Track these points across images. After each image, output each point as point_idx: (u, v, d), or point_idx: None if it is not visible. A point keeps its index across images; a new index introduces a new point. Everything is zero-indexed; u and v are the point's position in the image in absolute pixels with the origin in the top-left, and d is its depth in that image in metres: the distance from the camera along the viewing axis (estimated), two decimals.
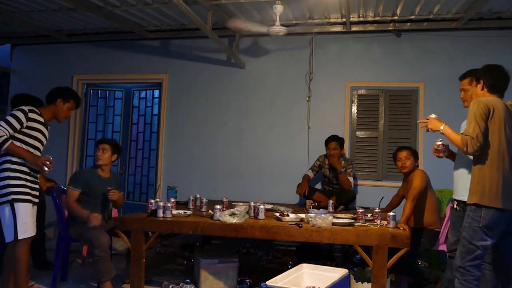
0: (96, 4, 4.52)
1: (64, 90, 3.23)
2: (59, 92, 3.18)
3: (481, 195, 2.42)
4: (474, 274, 2.43)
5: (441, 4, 4.35)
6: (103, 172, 3.62)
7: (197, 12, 4.27)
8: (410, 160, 3.61)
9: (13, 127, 2.87)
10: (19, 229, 2.82)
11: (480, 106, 2.45)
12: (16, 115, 2.90)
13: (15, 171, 2.88)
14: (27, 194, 2.89)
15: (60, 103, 3.14)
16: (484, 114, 2.43)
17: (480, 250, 2.41)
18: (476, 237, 2.42)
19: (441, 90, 4.84)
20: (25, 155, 2.88)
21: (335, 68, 5.18)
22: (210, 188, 5.23)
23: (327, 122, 5.09)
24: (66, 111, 3.19)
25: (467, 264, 2.44)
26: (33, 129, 2.98)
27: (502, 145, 2.43)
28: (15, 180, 2.86)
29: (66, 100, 3.16)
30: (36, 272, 3.82)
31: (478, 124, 2.42)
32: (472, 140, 2.41)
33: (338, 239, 2.93)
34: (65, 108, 3.17)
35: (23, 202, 2.86)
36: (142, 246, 3.25)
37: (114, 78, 5.85)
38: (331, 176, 4.56)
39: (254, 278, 3.61)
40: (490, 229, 2.40)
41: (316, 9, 4.68)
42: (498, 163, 2.42)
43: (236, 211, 3.17)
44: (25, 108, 2.96)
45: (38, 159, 2.87)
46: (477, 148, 2.40)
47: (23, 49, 6.15)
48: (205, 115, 5.49)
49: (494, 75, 2.60)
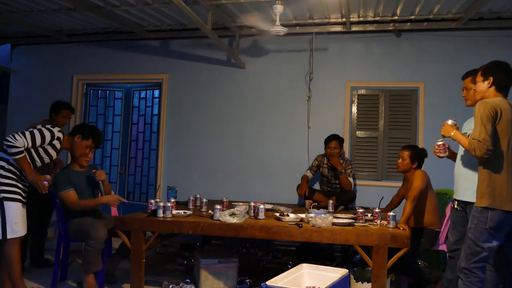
0: (96, 4, 4.52)
1: (86, 127, 3.38)
2: (82, 127, 3.35)
3: (492, 199, 2.37)
4: (478, 276, 2.41)
5: (441, 4, 4.35)
6: (78, 167, 3.53)
7: (197, 12, 4.27)
8: (406, 161, 3.60)
9: (34, 144, 2.96)
10: (8, 229, 2.83)
11: (486, 108, 2.38)
12: (44, 135, 3.00)
13: (8, 171, 2.91)
14: (17, 193, 2.91)
15: (78, 139, 3.27)
16: (491, 116, 2.37)
17: (485, 252, 2.40)
18: (482, 238, 2.39)
19: (441, 90, 4.84)
20: (28, 171, 2.91)
21: (335, 68, 5.18)
22: (210, 188, 5.23)
23: (327, 122, 5.09)
24: (83, 148, 3.32)
25: (472, 266, 2.41)
26: (46, 152, 3.09)
27: (509, 148, 2.39)
28: (6, 179, 2.89)
29: (84, 137, 3.28)
30: (36, 272, 3.82)
31: (484, 127, 2.36)
32: (478, 143, 2.36)
33: (338, 239, 2.93)
34: (83, 145, 3.30)
35: (13, 201, 2.88)
36: (142, 246, 3.25)
37: (114, 78, 5.85)
38: (330, 176, 4.56)
39: (254, 278, 3.61)
40: (496, 231, 2.38)
41: (316, 9, 4.68)
42: (507, 166, 2.39)
43: (236, 211, 3.17)
44: (56, 133, 3.08)
45: (38, 179, 2.91)
46: (484, 151, 2.34)
47: (23, 49, 6.15)
48: (205, 115, 5.49)
49: (505, 73, 2.53)
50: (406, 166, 3.60)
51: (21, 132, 2.95)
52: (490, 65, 2.57)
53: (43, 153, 3.10)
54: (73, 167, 3.54)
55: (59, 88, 5.85)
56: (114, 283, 3.60)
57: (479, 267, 2.41)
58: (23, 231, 2.92)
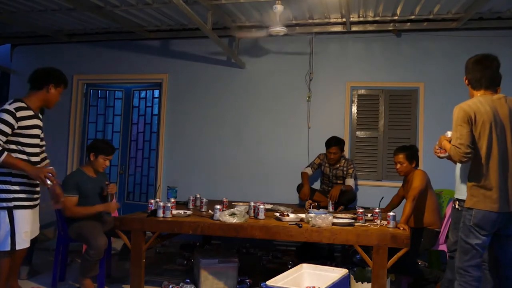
0: (96, 4, 4.51)
1: (53, 73, 2.90)
2: (48, 76, 2.85)
3: (475, 199, 2.41)
4: (472, 275, 2.41)
5: (441, 4, 4.35)
6: (91, 172, 3.58)
7: (197, 12, 4.27)
8: (404, 164, 3.60)
9: (5, 133, 2.59)
10: (18, 240, 2.61)
11: (460, 113, 2.42)
12: (3, 119, 2.58)
13: (16, 176, 2.68)
14: (28, 199, 2.71)
15: (52, 89, 2.83)
16: (463, 121, 2.40)
17: (475, 250, 2.40)
18: (470, 235, 2.42)
19: (441, 90, 4.84)
20: (25, 167, 2.63)
21: (335, 68, 5.18)
22: (210, 188, 5.24)
23: (327, 122, 5.09)
24: (57, 96, 2.89)
25: (466, 265, 2.43)
26: (25, 127, 2.69)
27: (491, 149, 2.38)
28: (16, 186, 2.66)
29: (58, 84, 2.86)
30: (36, 272, 3.82)
31: (459, 132, 2.40)
32: (455, 149, 2.40)
33: (338, 239, 2.93)
34: (57, 93, 2.88)
35: (24, 209, 2.67)
36: (142, 246, 3.25)
37: (114, 78, 5.85)
38: (331, 175, 4.56)
39: (254, 278, 3.61)
40: (481, 228, 2.39)
41: (316, 9, 4.68)
42: (487, 167, 2.39)
43: (236, 211, 3.18)
44: (9, 108, 2.63)
45: (40, 172, 2.64)
46: (461, 156, 2.38)
47: (23, 49, 6.15)
48: (205, 115, 5.49)
49: (475, 66, 2.50)
50: (406, 168, 3.60)
51: None
52: (465, 64, 2.58)
53: (25, 139, 2.70)
54: (87, 171, 3.56)
55: None
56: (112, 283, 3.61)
57: (473, 265, 2.42)
58: (28, 242, 2.72)
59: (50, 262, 4.03)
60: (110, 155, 3.57)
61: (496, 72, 2.49)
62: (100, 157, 3.51)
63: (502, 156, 2.39)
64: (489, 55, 2.50)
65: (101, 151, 3.51)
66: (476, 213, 2.39)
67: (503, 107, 2.43)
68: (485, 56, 2.50)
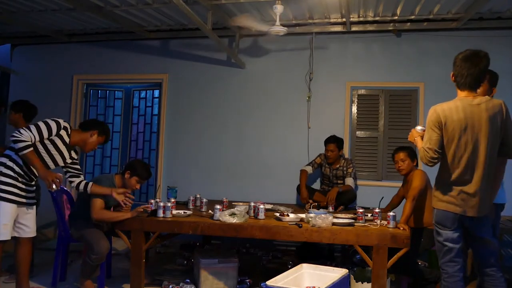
0: (96, 4, 4.51)
1: (103, 125, 3.32)
2: (98, 125, 3.27)
3: (436, 199, 2.49)
4: (447, 272, 2.44)
5: (441, 4, 4.35)
6: (119, 183, 3.52)
7: (197, 12, 4.27)
8: (406, 161, 3.60)
9: (41, 134, 2.89)
10: None
11: (432, 116, 2.44)
12: (50, 125, 2.93)
13: (8, 168, 2.86)
14: (13, 194, 2.83)
15: (94, 135, 3.21)
16: (433, 125, 2.42)
17: (445, 247, 2.44)
18: (436, 234, 2.50)
19: (441, 90, 4.83)
20: (38, 166, 2.81)
21: (335, 68, 5.18)
22: (210, 188, 5.23)
23: (327, 122, 5.09)
24: (95, 144, 3.26)
25: (442, 262, 2.48)
26: (54, 145, 2.99)
27: (458, 157, 2.38)
28: (4, 177, 2.82)
29: (100, 134, 3.25)
30: (36, 272, 3.82)
31: (429, 135, 2.43)
32: (424, 152, 2.44)
33: (338, 239, 2.94)
34: (97, 141, 3.24)
35: (6, 202, 2.80)
36: (142, 246, 3.25)
37: (114, 78, 5.84)
38: (331, 176, 4.56)
39: (254, 278, 3.61)
40: (442, 225, 2.45)
41: (316, 9, 4.68)
42: (451, 174, 2.41)
43: (236, 211, 3.18)
44: (61, 122, 3.00)
45: (49, 175, 2.79)
46: (428, 159, 2.41)
47: (23, 49, 6.15)
48: (205, 115, 5.49)
49: (461, 64, 2.46)
50: (408, 166, 3.61)
51: (26, 126, 2.89)
52: (454, 59, 2.57)
53: (51, 147, 2.98)
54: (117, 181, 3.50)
55: (59, 88, 5.85)
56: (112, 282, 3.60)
57: (448, 262, 2.44)
58: (8, 235, 2.81)
59: (50, 262, 4.03)
60: (144, 180, 3.53)
61: (484, 71, 2.43)
62: (134, 178, 3.43)
63: (470, 163, 2.37)
64: (478, 52, 2.41)
65: (138, 174, 3.43)
66: (437, 212, 2.47)
67: (481, 113, 2.36)
68: (475, 53, 2.41)
